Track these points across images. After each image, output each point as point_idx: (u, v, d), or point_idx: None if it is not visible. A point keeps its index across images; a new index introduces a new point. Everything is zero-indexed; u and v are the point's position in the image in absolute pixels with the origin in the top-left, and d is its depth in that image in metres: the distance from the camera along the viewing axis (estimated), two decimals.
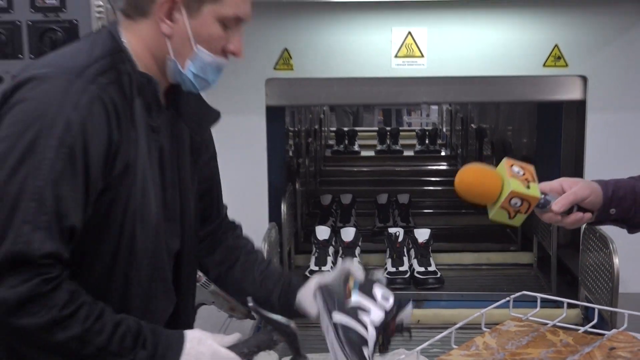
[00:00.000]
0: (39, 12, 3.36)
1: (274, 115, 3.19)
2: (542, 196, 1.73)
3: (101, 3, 3.51)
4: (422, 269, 3.32)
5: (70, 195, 1.48)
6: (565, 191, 1.77)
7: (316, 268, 3.35)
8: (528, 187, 1.72)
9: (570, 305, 1.78)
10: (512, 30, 2.96)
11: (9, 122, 1.49)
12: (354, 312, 1.64)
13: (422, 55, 2.97)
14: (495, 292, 3.10)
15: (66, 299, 1.46)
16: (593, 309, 1.78)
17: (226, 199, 2.03)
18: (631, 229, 1.90)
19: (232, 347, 1.62)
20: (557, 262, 3.27)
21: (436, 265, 3.37)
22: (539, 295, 1.74)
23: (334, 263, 3.41)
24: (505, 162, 1.78)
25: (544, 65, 2.95)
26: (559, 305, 1.90)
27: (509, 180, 1.71)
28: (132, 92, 1.60)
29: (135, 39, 1.66)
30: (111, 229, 1.60)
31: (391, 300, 1.66)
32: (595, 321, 1.69)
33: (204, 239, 1.97)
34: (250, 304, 1.73)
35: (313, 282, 1.81)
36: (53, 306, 1.44)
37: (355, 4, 2.93)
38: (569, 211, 1.77)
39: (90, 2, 3.35)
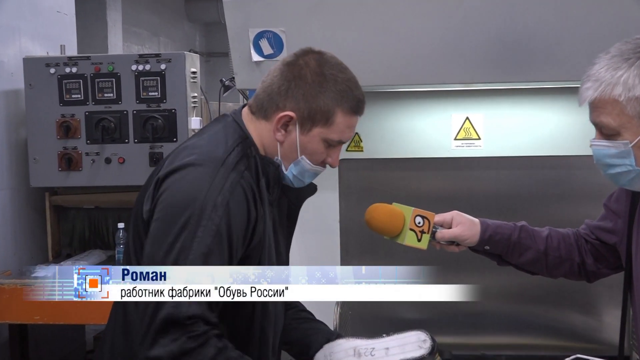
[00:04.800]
0: (143, 103, 3.51)
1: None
2: (432, 243, 1.95)
3: (195, 95, 3.62)
4: None
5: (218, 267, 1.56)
6: (452, 226, 1.97)
7: None
8: (420, 239, 1.93)
9: None
10: (561, 115, 2.90)
11: (164, 204, 1.59)
12: None
13: (479, 138, 2.94)
14: None
15: (213, 354, 1.53)
16: None
17: (306, 263, 2.09)
18: (500, 263, 2.08)
19: None
20: None
21: None
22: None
23: None
24: (413, 212, 1.93)
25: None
26: None
27: (407, 232, 1.92)
28: (258, 173, 1.70)
29: (254, 132, 1.75)
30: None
31: None
32: None
33: None
34: None
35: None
36: None
37: (418, 93, 2.92)
38: (450, 242, 1.99)
39: (186, 94, 3.49)
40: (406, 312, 3.32)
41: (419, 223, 1.94)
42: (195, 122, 3.54)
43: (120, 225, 3.49)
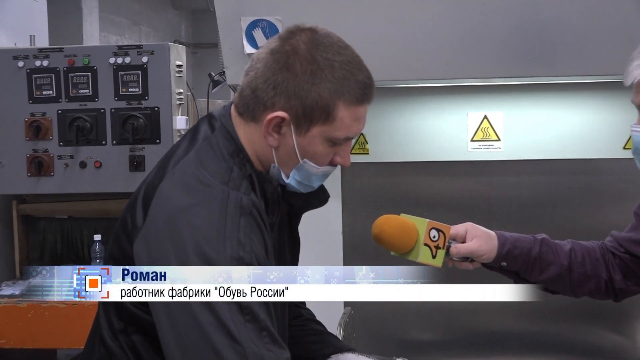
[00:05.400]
0: (122, 100, 3.44)
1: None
2: (444, 259, 1.89)
3: (181, 91, 3.55)
4: None
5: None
6: (465, 240, 1.92)
7: None
8: (435, 255, 1.86)
9: None
10: (590, 113, 2.90)
11: (182, 253, 1.49)
12: None
13: (499, 139, 2.93)
14: None
15: None
16: None
17: None
18: (517, 281, 2.01)
19: None
20: None
21: None
22: None
23: None
24: (428, 225, 1.86)
25: (624, 147, 2.87)
26: None
27: (422, 248, 1.85)
28: (257, 196, 1.60)
29: (246, 139, 1.62)
30: None
31: None
32: None
33: None
34: None
35: None
36: None
37: (431, 88, 2.90)
38: (463, 258, 1.93)
39: (171, 90, 3.41)
40: (417, 333, 3.34)
41: (434, 237, 1.87)
42: (180, 122, 3.51)
43: (97, 237, 3.44)
